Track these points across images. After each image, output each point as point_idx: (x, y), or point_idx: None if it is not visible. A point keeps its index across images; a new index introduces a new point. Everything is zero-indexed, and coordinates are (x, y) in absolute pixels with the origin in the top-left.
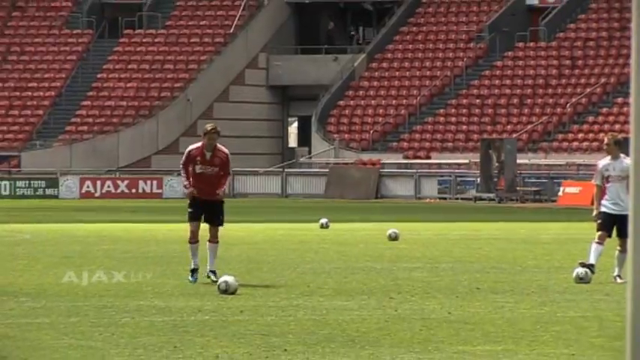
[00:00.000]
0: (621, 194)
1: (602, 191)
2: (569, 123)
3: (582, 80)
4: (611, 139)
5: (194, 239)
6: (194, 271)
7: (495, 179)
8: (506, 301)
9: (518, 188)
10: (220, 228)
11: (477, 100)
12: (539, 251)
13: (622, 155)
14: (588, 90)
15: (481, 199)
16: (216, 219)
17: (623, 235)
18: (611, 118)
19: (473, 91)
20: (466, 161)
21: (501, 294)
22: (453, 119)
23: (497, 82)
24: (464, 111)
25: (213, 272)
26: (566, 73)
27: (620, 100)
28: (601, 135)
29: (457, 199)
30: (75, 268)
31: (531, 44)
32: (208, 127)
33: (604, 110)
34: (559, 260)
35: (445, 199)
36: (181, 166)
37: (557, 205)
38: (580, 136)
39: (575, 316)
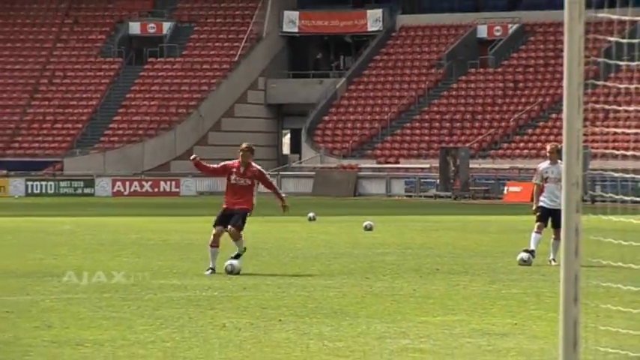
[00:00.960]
0: (556, 192)
1: (540, 189)
2: (512, 134)
3: (523, 99)
4: (553, 148)
5: (215, 244)
6: (211, 270)
7: (452, 180)
8: (461, 280)
9: (470, 188)
10: (237, 230)
11: (437, 116)
12: (488, 239)
13: (559, 161)
14: (528, 107)
15: (440, 196)
16: (234, 220)
17: (557, 225)
18: (546, 131)
19: (433, 108)
20: (428, 166)
21: (457, 274)
22: (418, 131)
23: (453, 101)
24: (426, 125)
25: (236, 257)
26: (509, 93)
27: (554, 115)
28: (539, 144)
29: (420, 196)
30: (107, 253)
31: (481, 70)
32: (243, 145)
33: (541, 124)
34: (504, 247)
35: (411, 196)
36: (216, 165)
37: (502, 201)
38: (521, 145)
39: (518, 292)
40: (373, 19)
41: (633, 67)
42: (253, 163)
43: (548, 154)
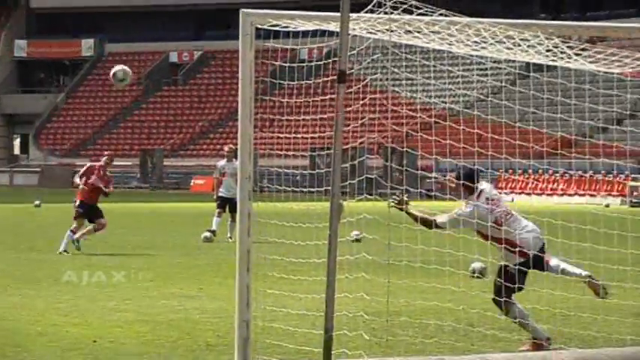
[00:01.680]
0: (232, 184)
1: (219, 182)
2: (198, 138)
3: (206, 110)
4: (230, 148)
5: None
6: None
7: (150, 175)
8: (157, 253)
9: (164, 181)
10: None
11: (138, 124)
12: (179, 221)
13: (234, 159)
14: (210, 117)
15: (141, 187)
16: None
17: (233, 210)
18: (225, 135)
19: (135, 117)
20: (130, 163)
21: (156, 249)
22: (122, 136)
23: (151, 112)
24: (129, 130)
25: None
26: (195, 106)
27: (230, 123)
28: (218, 146)
29: (124, 188)
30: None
31: (173, 87)
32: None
33: (220, 130)
34: (192, 227)
35: (117, 187)
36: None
37: (190, 191)
38: (205, 146)
39: (203, 263)
40: (87, 47)
41: (293, 85)
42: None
43: (226, 154)
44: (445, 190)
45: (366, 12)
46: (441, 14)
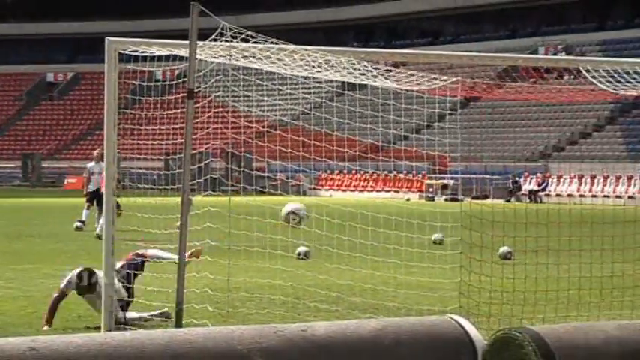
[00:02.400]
0: (99, 182)
1: (88, 180)
2: (71, 144)
3: (82, 122)
4: (98, 152)
5: None
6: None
7: (31, 174)
8: (35, 240)
9: (43, 179)
10: None
11: (20, 132)
12: (57, 212)
13: (102, 162)
14: (81, 127)
15: (22, 185)
16: None
17: (100, 204)
18: (93, 142)
19: (17, 127)
20: (14, 165)
21: (34, 237)
22: (7, 142)
23: (31, 122)
24: (12, 138)
25: None
26: (68, 118)
27: (98, 132)
28: (88, 151)
29: (8, 186)
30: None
31: (49, 102)
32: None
33: (89, 137)
34: (67, 217)
35: (2, 185)
36: None
37: (64, 189)
38: (76, 151)
39: (74, 248)
40: None
41: (150, 100)
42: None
43: (94, 157)
44: (276, 187)
45: (211, 40)
46: (272, 42)
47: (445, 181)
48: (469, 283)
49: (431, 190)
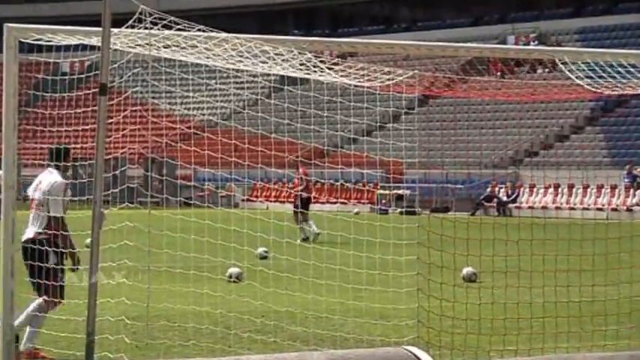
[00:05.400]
0: None
1: None
2: None
3: None
4: None
5: None
6: None
7: None
8: None
9: None
10: None
11: None
12: None
13: None
14: None
15: None
16: None
17: None
18: None
19: None
20: None
21: None
22: None
23: None
24: None
25: None
26: None
27: None
28: None
29: None
30: None
31: None
32: None
33: None
34: None
35: None
36: None
37: None
38: None
39: None
40: None
41: (55, 97)
42: None
43: None
44: (203, 199)
45: (127, 27)
46: (199, 30)
47: (400, 191)
48: (428, 309)
49: (384, 201)
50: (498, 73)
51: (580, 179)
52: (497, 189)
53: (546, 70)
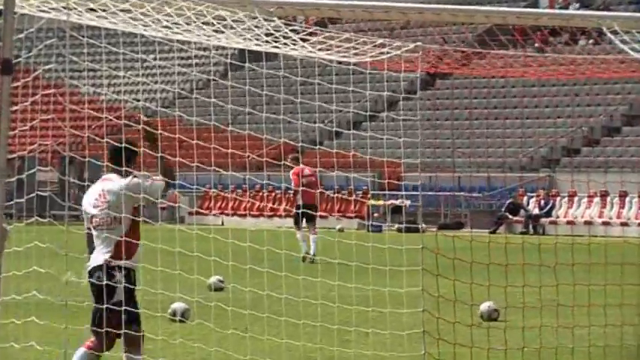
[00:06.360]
0: None
1: None
2: None
3: None
4: None
5: None
6: None
7: None
8: None
9: None
10: None
11: None
12: None
13: None
14: None
15: None
16: None
17: None
18: None
19: None
20: None
21: None
22: None
23: None
24: None
25: None
26: None
27: None
28: None
29: None
30: None
31: None
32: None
33: None
34: None
35: None
36: None
37: None
38: None
39: None
40: None
41: None
42: None
43: None
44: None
45: None
46: None
47: (398, 202)
48: (438, 357)
49: (376, 214)
50: (528, 47)
51: (635, 185)
52: (525, 198)
53: (590, 41)
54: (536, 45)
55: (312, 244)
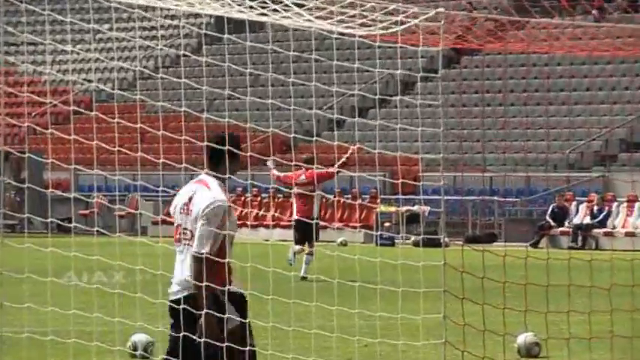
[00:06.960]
0: None
1: None
2: None
3: None
4: None
5: None
6: None
7: None
8: None
9: None
10: None
11: None
12: None
13: None
14: None
15: None
16: None
17: None
18: None
19: None
20: None
21: None
22: None
23: None
24: None
25: None
26: None
27: None
28: None
29: None
30: None
31: None
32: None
33: None
34: None
35: None
36: None
37: None
38: None
39: None
40: None
41: None
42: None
43: None
44: (90, 219)
45: None
46: None
47: (414, 208)
48: None
49: (387, 224)
50: (576, 15)
51: None
52: (573, 204)
53: None
54: (592, 13)
55: (304, 265)
